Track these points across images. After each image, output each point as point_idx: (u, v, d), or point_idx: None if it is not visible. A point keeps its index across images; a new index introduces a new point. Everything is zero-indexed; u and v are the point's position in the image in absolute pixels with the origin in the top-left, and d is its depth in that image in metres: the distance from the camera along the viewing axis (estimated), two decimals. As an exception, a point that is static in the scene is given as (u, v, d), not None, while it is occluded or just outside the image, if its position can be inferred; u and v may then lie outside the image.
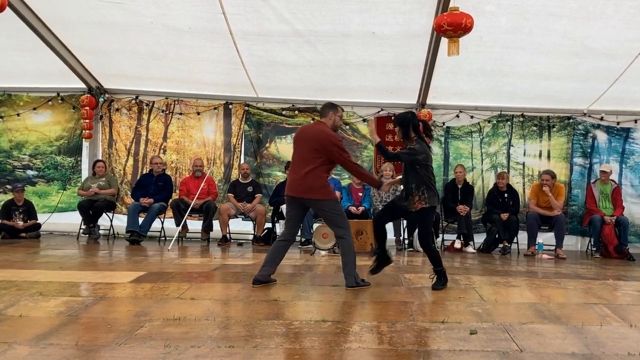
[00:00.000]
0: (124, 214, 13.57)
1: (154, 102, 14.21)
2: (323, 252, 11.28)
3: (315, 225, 11.98)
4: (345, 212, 12.08)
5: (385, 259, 8.08)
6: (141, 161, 14.22)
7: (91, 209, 12.97)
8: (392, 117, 13.66)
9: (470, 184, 13.36)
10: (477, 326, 5.58)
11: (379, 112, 13.91)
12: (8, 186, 14.09)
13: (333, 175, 13.11)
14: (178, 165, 14.24)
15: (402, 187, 7.97)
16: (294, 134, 7.95)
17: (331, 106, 7.85)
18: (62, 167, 14.28)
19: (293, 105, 13.90)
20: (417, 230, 8.73)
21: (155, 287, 7.30)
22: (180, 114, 14.18)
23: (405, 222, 12.67)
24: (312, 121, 13.20)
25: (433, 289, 7.57)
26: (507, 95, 13.26)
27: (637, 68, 11.54)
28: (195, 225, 13.26)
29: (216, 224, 12.92)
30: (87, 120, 13.80)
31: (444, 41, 9.54)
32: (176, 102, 14.18)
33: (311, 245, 11.76)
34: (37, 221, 13.35)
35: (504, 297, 7.26)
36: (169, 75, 13.29)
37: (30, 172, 14.30)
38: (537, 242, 12.21)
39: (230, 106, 14.09)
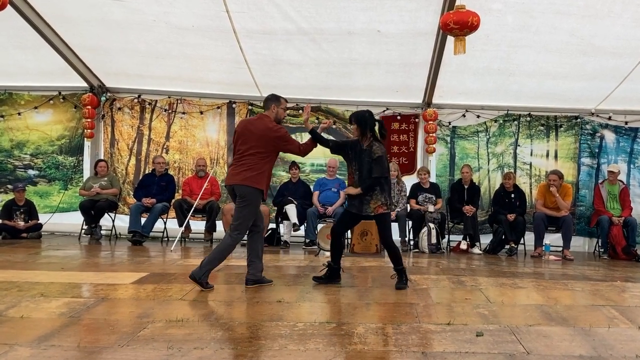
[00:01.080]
0: (126, 214, 13.55)
1: (156, 101, 14.23)
2: (327, 253, 11.27)
3: (319, 226, 11.99)
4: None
5: (336, 275, 8.04)
6: (143, 161, 14.24)
7: (93, 209, 12.97)
8: (398, 116, 13.72)
9: (476, 184, 13.35)
10: (483, 328, 5.59)
11: (384, 111, 13.90)
12: (9, 186, 14.11)
13: (337, 176, 13.13)
14: (181, 165, 14.25)
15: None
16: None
17: (274, 98, 7.90)
18: (64, 167, 14.30)
19: (297, 105, 13.83)
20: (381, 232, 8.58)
21: (158, 289, 7.31)
22: (183, 113, 14.18)
23: (410, 222, 12.68)
24: (316, 120, 13.20)
25: (396, 288, 7.58)
26: (513, 95, 13.26)
27: (646, 67, 11.56)
28: (198, 225, 13.23)
29: (219, 225, 12.88)
30: (88, 120, 13.85)
31: (450, 39, 9.51)
32: (179, 101, 14.19)
33: (315, 246, 11.77)
34: (39, 221, 13.35)
35: (510, 299, 7.26)
36: (171, 74, 13.30)
37: (31, 172, 14.32)
38: (544, 243, 12.20)
39: (233, 105, 14.09)
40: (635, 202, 13.22)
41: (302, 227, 12.51)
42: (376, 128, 8.06)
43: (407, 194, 12.89)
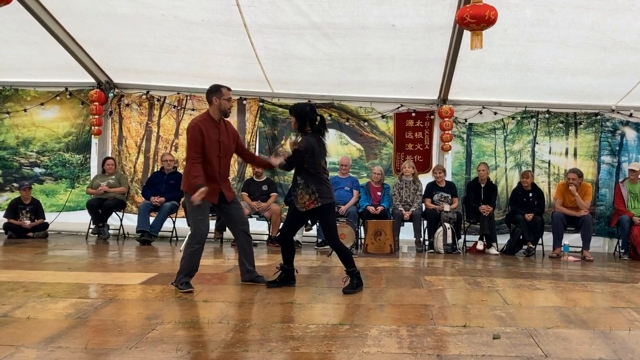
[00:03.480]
0: (134, 213, 13.57)
1: (165, 97, 14.26)
2: (340, 253, 11.28)
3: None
4: (364, 212, 12.14)
5: (290, 277, 7.85)
6: (152, 158, 14.26)
7: (100, 208, 13.01)
8: (413, 113, 13.73)
9: (493, 183, 13.31)
10: (500, 330, 5.58)
11: (398, 108, 13.89)
12: (15, 184, 14.13)
13: (350, 174, 13.10)
14: (190, 163, 14.23)
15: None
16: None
17: (213, 90, 7.59)
18: (71, 165, 14.34)
19: (309, 101, 13.81)
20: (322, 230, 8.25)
21: (167, 289, 7.33)
22: (193, 109, 14.16)
23: (425, 222, 12.66)
24: (329, 117, 13.24)
25: (344, 292, 7.38)
26: (532, 91, 13.23)
27: (668, 62, 11.51)
28: (207, 224, 13.26)
29: (229, 224, 12.91)
30: (96, 116, 13.88)
31: (467, 34, 9.51)
32: (188, 98, 14.20)
33: (328, 247, 11.75)
34: (45, 220, 13.40)
35: (528, 301, 7.25)
36: (180, 70, 13.33)
37: (37, 170, 14.36)
38: (562, 244, 12.17)
39: (244, 102, 14.10)
40: (657, 202, 13.17)
41: (314, 227, 12.49)
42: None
43: (423, 193, 12.88)
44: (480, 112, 13.91)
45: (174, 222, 13.13)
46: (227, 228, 12.63)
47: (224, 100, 7.56)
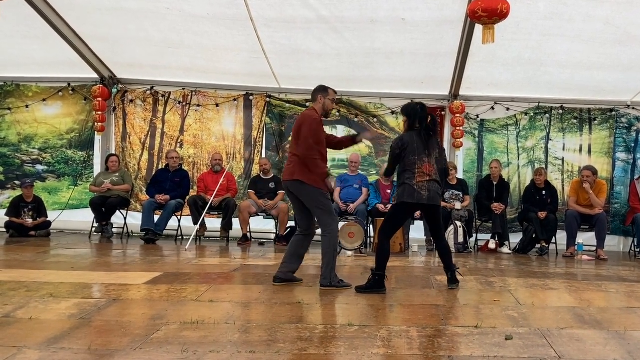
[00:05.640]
0: (138, 212, 13.61)
1: (170, 93, 14.26)
2: (349, 253, 11.28)
3: (340, 224, 11.98)
4: (373, 210, 12.13)
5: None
6: (157, 156, 14.28)
7: (104, 206, 12.98)
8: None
9: (506, 180, 13.29)
10: (512, 331, 5.56)
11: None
12: (17, 182, 14.19)
13: (359, 172, 13.09)
14: (196, 160, 14.28)
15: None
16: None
17: (321, 89, 7.86)
18: (73, 162, 14.36)
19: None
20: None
21: (172, 289, 7.33)
22: (198, 105, 14.20)
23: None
24: (337, 113, 13.26)
25: (355, 289, 7.46)
26: (545, 86, 13.20)
27: (685, 57, 11.48)
28: (213, 223, 13.28)
29: (236, 223, 12.91)
30: (99, 112, 13.86)
31: (479, 28, 9.48)
32: (193, 93, 14.21)
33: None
34: (47, 219, 13.38)
35: (541, 301, 7.24)
36: (186, 65, 13.34)
37: (39, 167, 14.39)
38: (576, 243, 12.13)
39: (250, 97, 14.10)
40: (673, 200, 13.13)
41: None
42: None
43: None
44: (492, 108, 13.89)
45: (179, 221, 13.13)
46: (232, 227, 12.77)
47: (328, 101, 7.86)
